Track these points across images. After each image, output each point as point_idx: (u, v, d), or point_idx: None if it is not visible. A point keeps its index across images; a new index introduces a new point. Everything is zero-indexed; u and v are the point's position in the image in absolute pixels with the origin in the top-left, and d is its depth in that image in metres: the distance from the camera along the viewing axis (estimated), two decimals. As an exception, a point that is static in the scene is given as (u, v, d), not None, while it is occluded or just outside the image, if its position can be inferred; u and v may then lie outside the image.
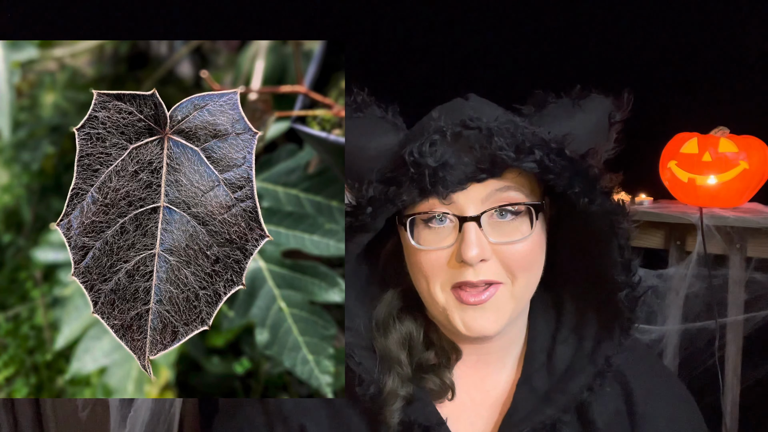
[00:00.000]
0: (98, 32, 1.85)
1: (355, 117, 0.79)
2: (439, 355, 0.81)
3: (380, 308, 0.81)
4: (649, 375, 0.84)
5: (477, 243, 0.70)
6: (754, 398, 1.63)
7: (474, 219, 0.71)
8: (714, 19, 1.76)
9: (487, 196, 0.71)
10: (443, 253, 0.73)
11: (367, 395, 0.77)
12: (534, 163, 0.68)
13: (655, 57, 1.83)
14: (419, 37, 2.09)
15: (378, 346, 0.79)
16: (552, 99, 0.77)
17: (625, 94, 0.77)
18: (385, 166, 0.73)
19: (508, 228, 0.72)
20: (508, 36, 1.99)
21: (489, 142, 0.68)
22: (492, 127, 0.69)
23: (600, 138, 0.76)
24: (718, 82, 1.75)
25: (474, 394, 0.82)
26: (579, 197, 0.70)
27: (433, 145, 0.69)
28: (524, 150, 0.68)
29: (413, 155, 0.69)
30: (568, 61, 1.87)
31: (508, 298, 0.74)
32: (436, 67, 2.06)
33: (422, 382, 0.79)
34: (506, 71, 1.92)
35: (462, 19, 2.05)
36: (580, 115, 0.75)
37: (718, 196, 1.57)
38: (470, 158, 0.69)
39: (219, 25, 2.08)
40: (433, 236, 0.73)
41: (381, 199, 0.71)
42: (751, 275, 1.58)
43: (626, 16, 1.85)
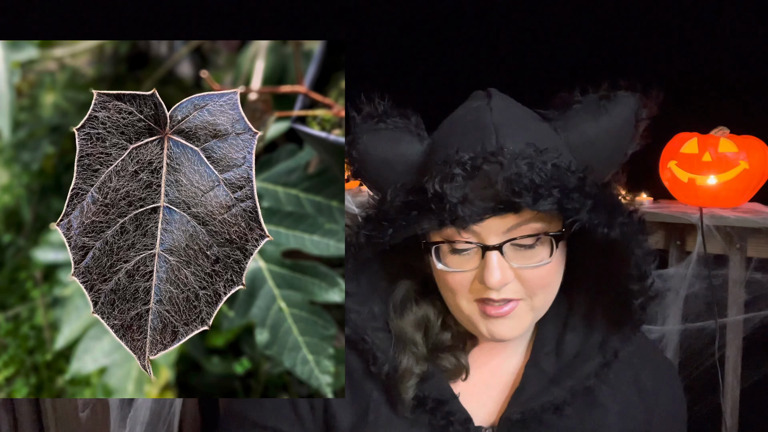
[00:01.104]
0: (98, 32, 1.85)
1: (378, 128, 0.79)
2: (455, 338, 0.85)
3: (398, 292, 0.85)
4: (657, 371, 0.88)
5: (500, 270, 0.73)
6: (754, 398, 1.63)
7: (496, 248, 0.73)
8: (714, 19, 1.76)
9: (509, 227, 0.73)
10: (468, 274, 0.76)
11: (382, 373, 0.81)
12: (553, 205, 0.69)
13: (655, 57, 1.83)
14: (419, 37, 2.09)
15: (394, 327, 0.83)
16: (577, 98, 0.76)
17: (654, 91, 0.76)
18: (407, 184, 0.75)
19: (528, 253, 0.74)
20: (509, 35, 1.99)
21: (508, 187, 0.68)
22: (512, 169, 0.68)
23: (625, 139, 0.75)
24: (718, 82, 1.75)
25: (486, 376, 0.86)
26: (597, 228, 0.71)
27: (454, 180, 0.69)
28: (543, 195, 0.69)
29: (434, 188, 0.70)
30: (568, 60, 1.87)
31: (527, 311, 0.78)
32: (436, 67, 2.06)
33: (438, 361, 0.83)
34: (508, 70, 1.92)
35: (463, 18, 2.05)
36: (605, 119, 0.74)
37: (718, 196, 1.56)
38: (490, 193, 0.70)
39: (219, 25, 2.08)
40: (458, 259, 0.76)
41: (402, 223, 0.73)
42: (751, 275, 1.57)
43: (626, 16, 1.85)
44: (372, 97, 0.81)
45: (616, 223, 0.71)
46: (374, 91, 0.82)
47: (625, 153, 0.76)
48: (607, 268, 0.80)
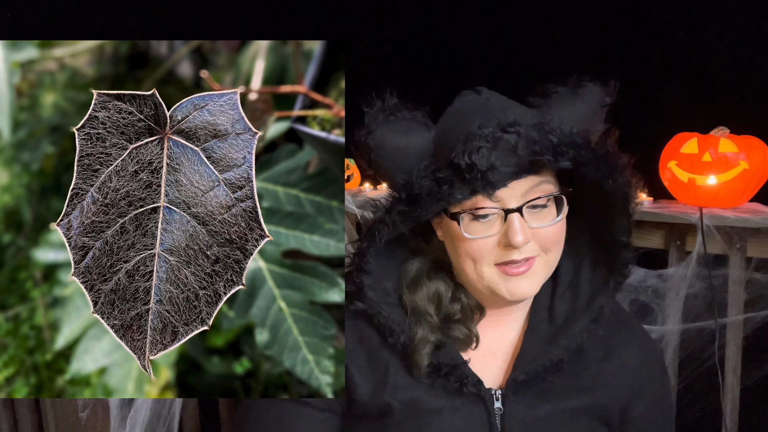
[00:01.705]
0: (98, 32, 1.85)
1: (389, 120, 0.90)
2: (464, 310, 0.95)
3: (411, 268, 0.95)
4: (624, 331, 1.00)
5: (521, 230, 0.85)
6: (754, 398, 1.63)
7: (517, 210, 0.85)
8: (714, 19, 1.76)
9: (526, 190, 0.85)
10: (491, 240, 0.87)
11: (398, 344, 0.91)
12: (569, 161, 0.82)
13: (655, 57, 1.83)
14: (418, 36, 2.09)
15: (408, 300, 0.93)
16: (553, 89, 0.89)
17: (612, 81, 0.90)
18: (429, 165, 0.86)
19: (542, 214, 0.87)
20: (505, 34, 1.99)
21: (530, 149, 0.81)
22: (530, 135, 0.81)
23: (596, 120, 0.88)
24: (718, 82, 1.75)
25: (492, 345, 0.97)
26: (605, 179, 0.84)
27: (480, 152, 0.81)
28: (560, 152, 0.81)
29: (465, 160, 0.81)
30: (567, 60, 1.87)
31: (542, 267, 0.89)
32: (433, 65, 2.06)
33: (450, 332, 0.93)
34: (504, 68, 1.92)
35: (459, 18, 2.05)
36: (579, 104, 0.88)
37: (718, 196, 1.56)
38: (512, 160, 0.82)
39: (219, 25, 2.08)
40: (481, 227, 0.87)
41: (434, 196, 0.84)
42: (751, 275, 1.57)
43: (626, 15, 1.85)
44: (383, 93, 0.91)
45: (618, 172, 0.85)
46: (374, 89, 0.90)
47: (596, 133, 0.88)
48: (604, 223, 0.91)
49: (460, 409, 0.91)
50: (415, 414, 0.91)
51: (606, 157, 0.84)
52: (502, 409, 0.91)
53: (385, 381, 0.92)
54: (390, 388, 0.92)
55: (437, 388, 0.92)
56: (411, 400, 0.91)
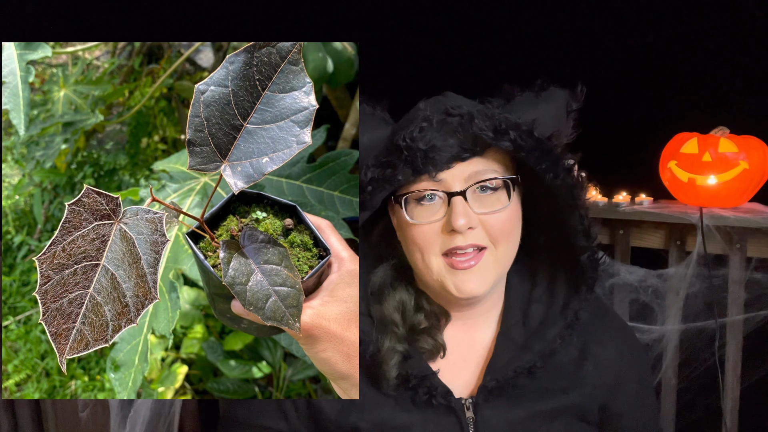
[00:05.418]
0: (111, 34, 1.85)
1: (365, 119, 0.90)
2: (429, 318, 0.93)
3: (375, 278, 0.93)
4: (600, 328, 0.97)
5: (464, 213, 0.83)
6: (754, 398, 1.63)
7: (460, 193, 0.83)
8: (714, 19, 1.77)
9: (470, 174, 0.84)
10: (435, 226, 0.85)
11: (366, 354, 0.88)
12: (509, 142, 0.81)
13: (655, 57, 1.84)
14: (418, 36, 2.10)
15: (374, 311, 0.91)
16: (518, 92, 0.89)
17: (579, 86, 0.89)
18: (380, 152, 0.86)
19: (489, 200, 0.85)
20: (488, 39, 1.99)
21: (470, 125, 0.81)
22: (472, 112, 0.81)
23: (559, 123, 0.88)
24: (718, 82, 1.76)
25: (463, 351, 0.94)
26: (546, 173, 0.83)
27: (422, 131, 0.82)
28: (501, 131, 0.81)
29: (405, 140, 0.82)
30: (567, 59, 1.88)
31: (492, 262, 0.86)
32: (418, 69, 2.07)
33: (416, 343, 0.91)
34: (485, 73, 1.93)
35: (454, 21, 2.05)
36: (543, 105, 0.87)
37: (718, 196, 1.57)
38: (455, 141, 0.82)
39: (233, 27, 2.08)
40: (425, 212, 0.85)
41: (379, 180, 0.84)
42: (751, 275, 1.58)
43: (626, 16, 1.86)
44: None
45: (561, 168, 0.83)
46: (382, 88, 0.93)
47: (561, 138, 0.87)
48: (558, 226, 0.89)
49: (432, 422, 0.89)
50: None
51: (550, 150, 0.83)
52: (474, 417, 0.89)
53: (352, 400, 0.89)
54: (357, 407, 0.90)
55: (406, 401, 0.89)
56: (379, 421, 0.89)
